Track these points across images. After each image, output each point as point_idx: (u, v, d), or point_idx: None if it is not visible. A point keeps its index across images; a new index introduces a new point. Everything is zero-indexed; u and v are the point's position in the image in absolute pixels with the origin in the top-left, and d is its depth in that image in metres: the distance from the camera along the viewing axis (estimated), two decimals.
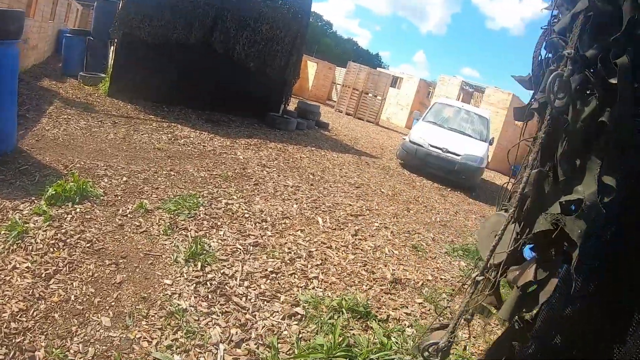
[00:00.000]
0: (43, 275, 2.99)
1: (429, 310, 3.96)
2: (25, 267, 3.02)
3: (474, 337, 3.79)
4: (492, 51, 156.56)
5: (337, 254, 4.59)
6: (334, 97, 30.53)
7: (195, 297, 3.18)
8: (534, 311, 1.97)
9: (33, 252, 3.21)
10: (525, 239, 1.87)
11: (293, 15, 11.93)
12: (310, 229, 5.09)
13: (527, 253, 1.99)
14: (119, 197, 4.57)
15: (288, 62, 12.18)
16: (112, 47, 11.64)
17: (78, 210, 4.02)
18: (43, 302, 2.75)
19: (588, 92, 1.78)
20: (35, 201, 3.97)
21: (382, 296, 3.96)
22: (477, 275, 1.88)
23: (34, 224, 3.58)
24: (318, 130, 13.96)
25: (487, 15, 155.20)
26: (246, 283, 3.56)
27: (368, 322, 3.42)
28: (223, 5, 10.42)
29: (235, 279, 3.57)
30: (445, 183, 10.81)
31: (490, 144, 12.26)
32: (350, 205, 6.43)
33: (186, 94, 10.44)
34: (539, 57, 2.07)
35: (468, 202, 9.82)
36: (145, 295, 3.08)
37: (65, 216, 3.86)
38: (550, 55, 1.98)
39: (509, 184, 2.23)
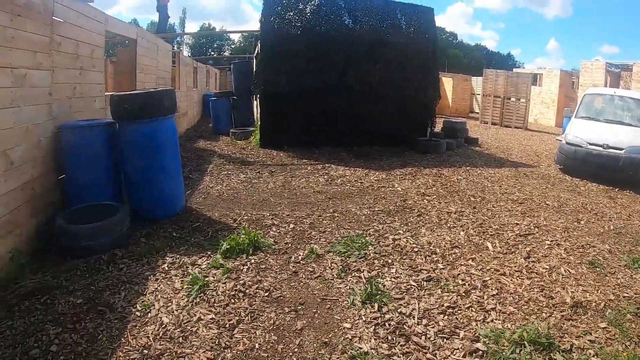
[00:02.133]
0: (227, 326, 3.30)
1: (614, 335, 3.67)
2: (210, 319, 3.37)
3: None
4: (626, 19, 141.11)
5: (511, 280, 4.49)
6: (476, 108, 29.71)
7: (375, 339, 3.25)
8: None
9: (216, 304, 3.59)
10: None
11: (419, 36, 12.00)
12: (480, 256, 5.04)
13: None
14: (289, 245, 4.94)
15: (425, 83, 12.21)
16: (255, 102, 12.61)
17: (252, 261, 4.44)
18: (229, 351, 3.02)
19: None
20: (212, 255, 4.47)
21: (564, 323, 3.76)
22: None
23: (213, 277, 4.03)
24: (468, 147, 13.74)
25: None
26: (424, 321, 3.57)
27: (551, 354, 3.25)
28: (351, 42, 10.88)
29: (413, 318, 3.60)
30: (612, 183, 9.95)
31: None
32: (517, 224, 6.27)
33: (333, 134, 10.99)
34: None
35: None
36: (327, 340, 3.22)
37: (242, 267, 4.28)
38: None
39: None
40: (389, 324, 3.47)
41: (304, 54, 10.39)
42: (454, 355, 3.17)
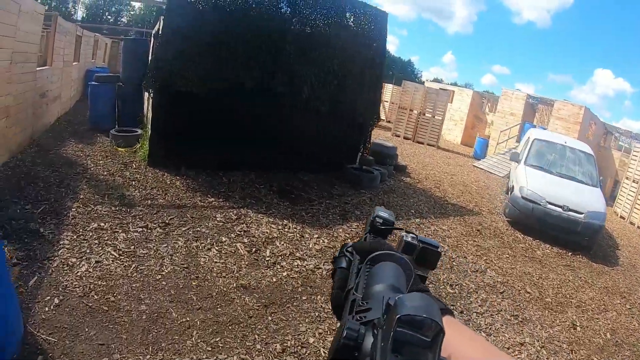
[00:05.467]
0: None
1: None
2: None
3: None
4: (521, 46, 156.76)
5: None
6: (382, 115, 28.55)
7: None
8: None
9: None
10: None
11: (367, 43, 9.53)
12: None
13: None
14: None
15: (365, 99, 9.69)
16: (146, 93, 9.36)
17: None
18: None
19: None
20: None
21: None
22: None
23: None
24: (398, 177, 11.62)
25: (512, 10, 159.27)
26: None
27: None
28: (284, 38, 8.18)
29: None
30: (563, 245, 9.12)
31: (601, 187, 10.65)
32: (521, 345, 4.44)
33: (248, 154, 8.30)
34: None
35: (604, 274, 7.93)
36: None
37: None
38: None
39: None
40: None
41: (224, 42, 7.45)
42: None
